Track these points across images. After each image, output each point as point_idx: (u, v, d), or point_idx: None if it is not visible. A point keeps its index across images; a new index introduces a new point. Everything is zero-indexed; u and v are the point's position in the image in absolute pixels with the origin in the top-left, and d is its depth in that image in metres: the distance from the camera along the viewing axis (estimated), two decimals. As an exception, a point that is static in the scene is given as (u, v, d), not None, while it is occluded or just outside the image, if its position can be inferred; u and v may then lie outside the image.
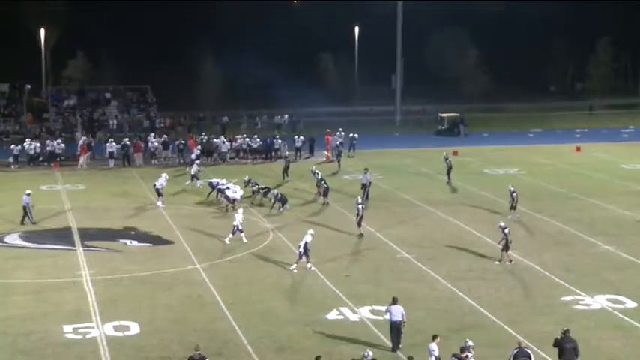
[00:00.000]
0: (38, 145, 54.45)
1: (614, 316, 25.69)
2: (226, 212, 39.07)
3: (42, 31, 80.00)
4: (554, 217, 38.12)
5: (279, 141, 56.85)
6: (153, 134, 57.79)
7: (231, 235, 33.56)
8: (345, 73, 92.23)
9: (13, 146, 53.98)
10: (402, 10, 75.49)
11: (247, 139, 56.49)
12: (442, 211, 39.69)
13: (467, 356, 19.83)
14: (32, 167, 52.54)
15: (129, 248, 33.58)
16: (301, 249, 29.87)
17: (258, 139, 56.55)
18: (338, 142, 55.12)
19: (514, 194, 37.80)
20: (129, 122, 70.40)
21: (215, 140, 56.02)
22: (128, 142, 54.30)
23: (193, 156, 50.64)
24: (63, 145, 54.92)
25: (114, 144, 53.83)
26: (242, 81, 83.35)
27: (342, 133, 56.99)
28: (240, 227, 33.46)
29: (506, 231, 30.55)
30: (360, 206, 35.02)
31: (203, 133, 59.28)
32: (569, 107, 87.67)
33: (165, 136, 58.40)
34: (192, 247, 33.33)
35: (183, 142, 55.25)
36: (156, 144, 55.25)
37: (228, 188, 40.22)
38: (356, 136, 57.82)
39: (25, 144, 54.23)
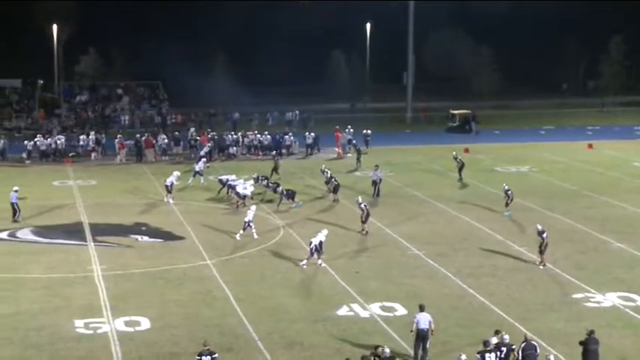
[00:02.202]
0: (50, 140, 54.65)
1: (626, 314, 25.61)
2: (237, 208, 39.10)
3: (54, 27, 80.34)
4: (565, 215, 37.99)
5: (292, 137, 56.85)
6: (164, 135, 57.49)
7: (242, 232, 33.61)
8: (356, 70, 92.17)
9: (25, 142, 54.23)
10: (414, 7, 75.14)
11: (258, 135, 56.51)
12: (453, 208, 39.62)
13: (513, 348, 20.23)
14: (44, 162, 52.78)
15: (140, 244, 33.66)
16: (312, 246, 29.85)
17: (268, 136, 56.59)
18: (354, 140, 54.75)
19: (509, 192, 37.73)
20: (140, 118, 70.61)
21: (225, 137, 56.06)
22: (140, 137, 54.68)
23: (202, 152, 50.76)
24: (63, 140, 55.01)
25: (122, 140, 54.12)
26: (254, 77, 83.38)
27: (351, 130, 56.92)
28: (251, 223, 33.52)
29: (544, 235, 29.96)
30: (362, 205, 34.84)
31: (209, 129, 59.23)
32: (581, 105, 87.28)
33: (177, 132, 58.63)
34: (203, 243, 33.39)
35: (196, 137, 55.32)
36: (166, 140, 55.42)
37: (238, 185, 40.27)
38: (369, 132, 57.72)
39: (36, 139, 54.47)
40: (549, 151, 57.07)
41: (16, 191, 36.93)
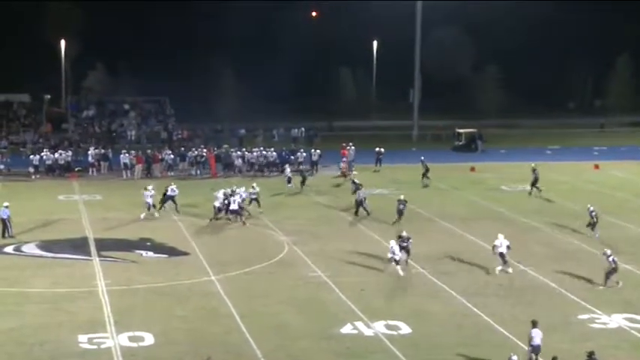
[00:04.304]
0: (57, 155, 54.76)
1: (632, 336, 25.45)
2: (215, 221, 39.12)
3: (62, 43, 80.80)
4: (571, 235, 37.87)
5: (304, 154, 56.69)
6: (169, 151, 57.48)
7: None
8: (362, 87, 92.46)
9: (31, 156, 54.35)
10: (421, 28, 75.01)
11: (264, 152, 56.53)
12: (458, 226, 39.54)
13: None
14: (50, 177, 52.86)
15: (144, 259, 33.66)
16: (499, 253, 30.90)
17: (274, 152, 56.59)
18: (422, 157, 53.98)
19: (593, 213, 37.38)
20: (146, 134, 70.79)
21: (232, 153, 56.05)
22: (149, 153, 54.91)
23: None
24: (68, 155, 55.09)
25: (127, 155, 54.15)
26: (259, 94, 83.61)
27: (353, 148, 56.79)
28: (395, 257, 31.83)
29: (611, 259, 29.78)
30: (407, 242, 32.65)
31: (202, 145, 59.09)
32: (588, 125, 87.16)
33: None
34: (208, 258, 33.36)
35: (203, 154, 55.33)
36: (172, 156, 55.53)
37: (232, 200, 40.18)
38: (382, 150, 57.56)
39: (42, 154, 54.60)
40: (555, 171, 56.94)
41: (6, 207, 36.65)
